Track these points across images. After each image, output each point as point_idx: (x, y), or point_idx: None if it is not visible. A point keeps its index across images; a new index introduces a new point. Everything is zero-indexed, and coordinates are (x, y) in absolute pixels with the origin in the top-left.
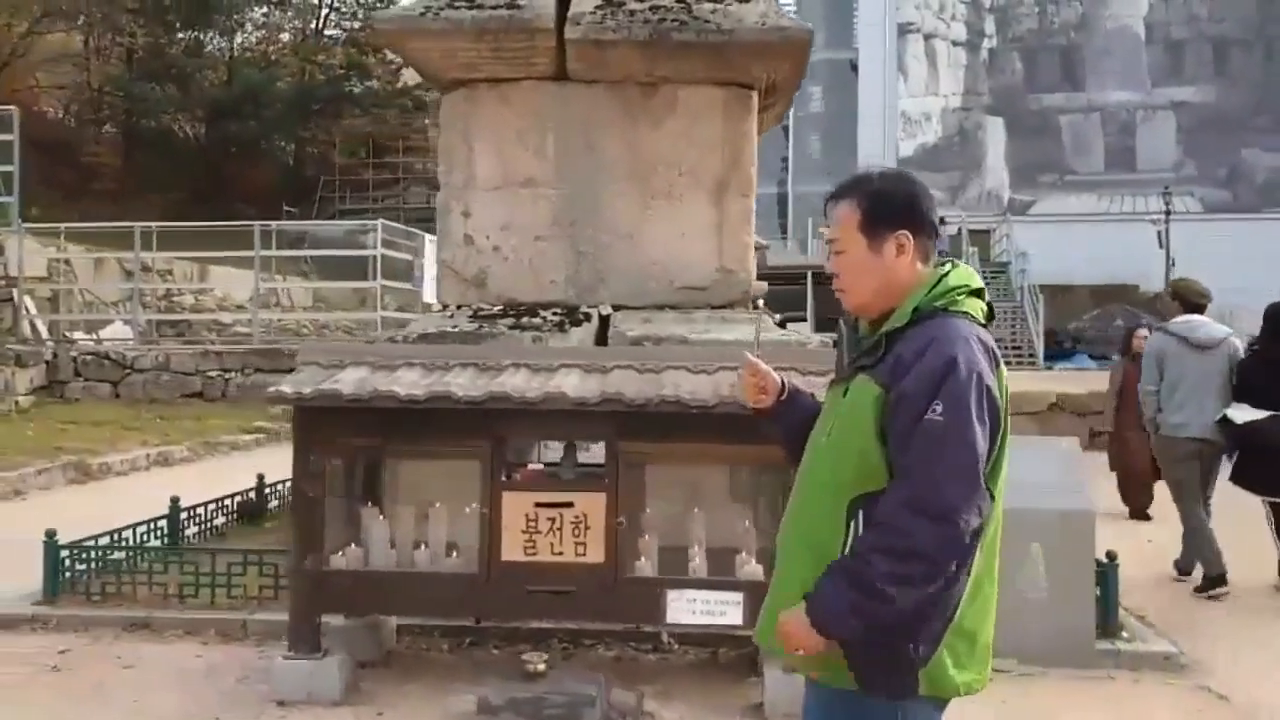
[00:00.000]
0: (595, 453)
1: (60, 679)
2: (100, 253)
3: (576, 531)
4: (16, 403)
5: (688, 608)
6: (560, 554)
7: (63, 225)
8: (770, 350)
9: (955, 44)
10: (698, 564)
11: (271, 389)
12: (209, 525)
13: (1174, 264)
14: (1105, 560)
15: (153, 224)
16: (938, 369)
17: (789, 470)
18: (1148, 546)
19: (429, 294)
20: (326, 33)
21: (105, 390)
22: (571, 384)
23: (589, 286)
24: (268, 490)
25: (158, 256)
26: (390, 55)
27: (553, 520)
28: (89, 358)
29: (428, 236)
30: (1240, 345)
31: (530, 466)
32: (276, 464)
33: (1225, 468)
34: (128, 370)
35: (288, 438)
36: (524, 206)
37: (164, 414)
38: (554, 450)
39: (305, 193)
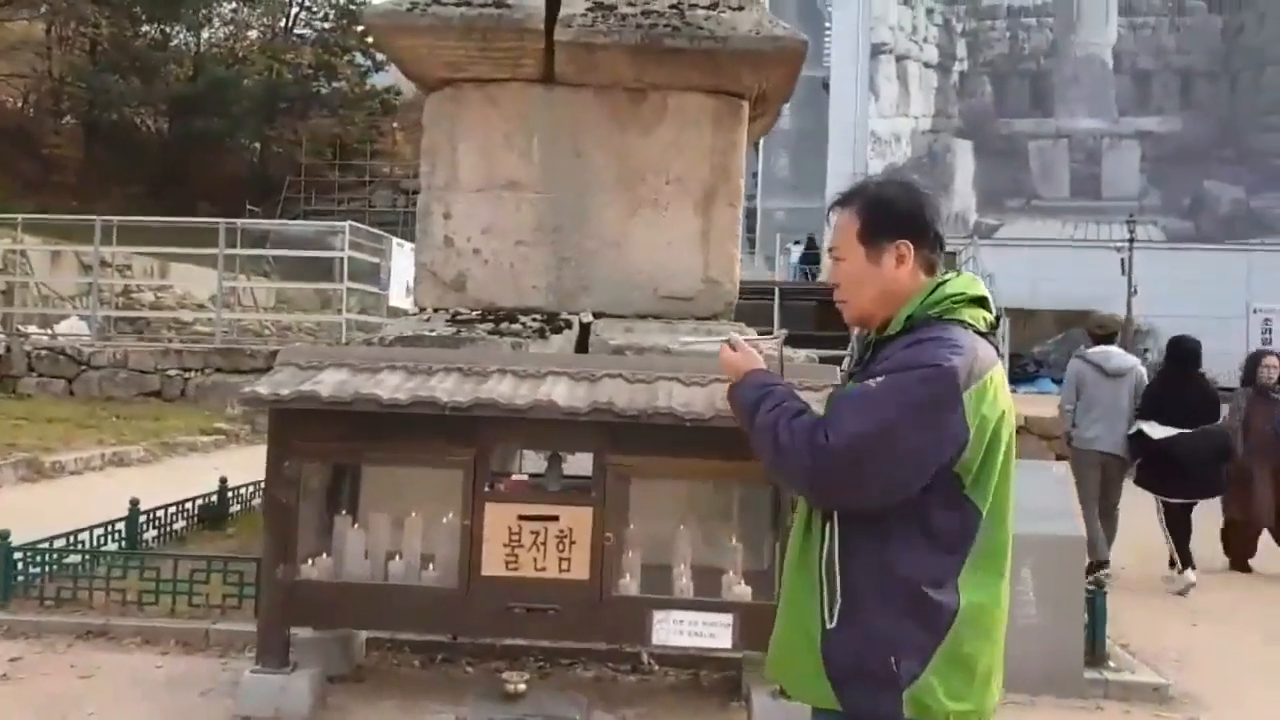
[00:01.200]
0: (574, 463)
1: (11, 689)
2: (58, 246)
3: (561, 546)
4: None
5: (675, 629)
6: (543, 570)
7: (20, 216)
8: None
9: (927, 66)
10: (685, 584)
11: (247, 389)
12: (169, 529)
13: (1136, 291)
14: (1094, 587)
15: (114, 218)
16: (905, 363)
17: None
18: (1122, 572)
19: (395, 298)
20: (296, 31)
21: (60, 387)
22: (560, 392)
23: (570, 293)
24: (229, 494)
25: (117, 251)
26: (359, 58)
27: (536, 534)
28: (44, 353)
29: (395, 240)
30: (1145, 372)
31: (513, 477)
32: (235, 466)
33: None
34: (83, 367)
35: (247, 440)
36: (507, 210)
37: (121, 412)
38: (532, 460)
39: (269, 192)
